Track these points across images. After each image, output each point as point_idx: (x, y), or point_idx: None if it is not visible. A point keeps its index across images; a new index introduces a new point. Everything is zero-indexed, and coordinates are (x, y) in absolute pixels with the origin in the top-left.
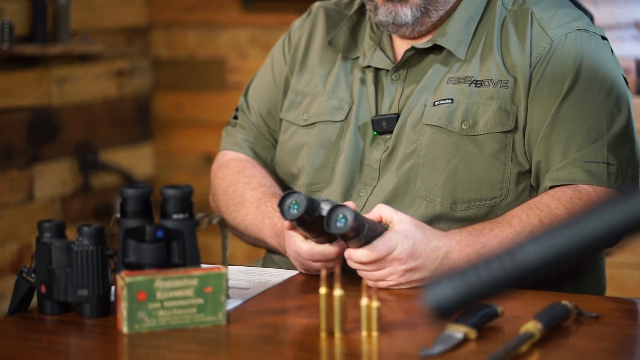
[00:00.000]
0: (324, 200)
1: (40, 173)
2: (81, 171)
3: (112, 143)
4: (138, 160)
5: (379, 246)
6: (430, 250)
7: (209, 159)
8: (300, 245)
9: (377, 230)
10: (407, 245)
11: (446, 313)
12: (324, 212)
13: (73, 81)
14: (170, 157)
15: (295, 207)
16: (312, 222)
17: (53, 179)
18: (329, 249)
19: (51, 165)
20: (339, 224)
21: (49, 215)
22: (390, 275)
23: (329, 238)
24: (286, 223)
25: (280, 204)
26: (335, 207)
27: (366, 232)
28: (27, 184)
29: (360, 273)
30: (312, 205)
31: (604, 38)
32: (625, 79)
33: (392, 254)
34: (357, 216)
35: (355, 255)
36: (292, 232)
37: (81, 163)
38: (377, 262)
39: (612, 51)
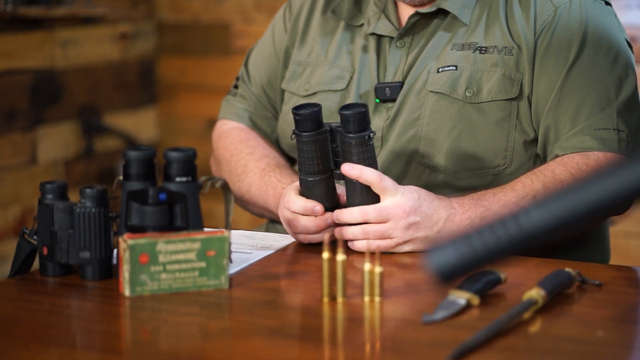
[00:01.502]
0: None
1: (43, 136)
2: (84, 134)
3: (116, 106)
4: (142, 124)
5: (370, 208)
6: (434, 209)
7: (212, 124)
8: (294, 200)
9: (376, 161)
10: (410, 197)
11: (450, 278)
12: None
13: (77, 44)
14: (174, 121)
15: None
16: (317, 136)
17: (56, 142)
18: (319, 206)
19: (54, 128)
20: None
21: (52, 179)
22: (394, 230)
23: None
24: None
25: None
26: (348, 105)
27: (372, 142)
28: (30, 147)
29: (365, 230)
30: (322, 120)
31: (607, 3)
32: (629, 44)
33: (395, 201)
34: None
35: (345, 216)
36: (285, 193)
37: (84, 126)
38: (379, 211)
39: (616, 16)
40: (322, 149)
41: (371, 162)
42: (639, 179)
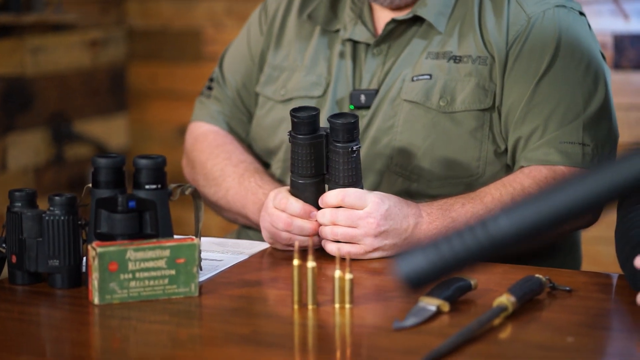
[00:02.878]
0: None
1: (13, 143)
2: (55, 142)
3: (87, 113)
4: (112, 131)
5: (350, 191)
6: (402, 217)
7: (183, 131)
8: (292, 202)
9: (361, 177)
10: (381, 205)
11: (418, 284)
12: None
13: (47, 51)
14: (144, 128)
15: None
16: (312, 139)
17: (26, 149)
18: (316, 211)
19: (25, 135)
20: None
21: (22, 186)
22: (365, 237)
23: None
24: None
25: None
26: (340, 113)
27: (358, 153)
28: (0, 154)
29: (334, 231)
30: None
31: (581, 14)
32: (602, 55)
33: (366, 210)
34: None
35: (327, 198)
36: (275, 194)
37: (55, 133)
38: (349, 216)
39: (589, 27)
40: (317, 153)
41: (356, 173)
42: (605, 185)
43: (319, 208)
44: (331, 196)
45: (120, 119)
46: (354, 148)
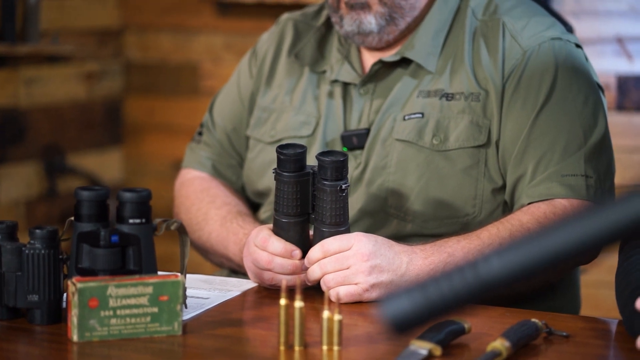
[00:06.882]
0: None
1: (5, 175)
2: (48, 175)
3: (81, 147)
4: (107, 164)
5: (329, 241)
6: (394, 253)
7: (179, 165)
8: (274, 241)
9: (347, 219)
10: (367, 242)
11: (404, 327)
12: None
13: (42, 82)
14: (140, 162)
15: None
16: (299, 177)
17: (18, 181)
18: (298, 250)
19: (17, 167)
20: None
21: (13, 219)
22: (357, 275)
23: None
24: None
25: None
26: (328, 151)
27: (347, 193)
28: None
29: (326, 280)
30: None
31: (578, 46)
32: (600, 86)
33: (352, 250)
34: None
35: (310, 255)
36: (257, 233)
37: (48, 166)
38: (336, 260)
39: (586, 59)
40: (302, 191)
41: (343, 212)
42: (603, 229)
43: (302, 248)
44: (314, 252)
45: (115, 152)
46: (343, 187)
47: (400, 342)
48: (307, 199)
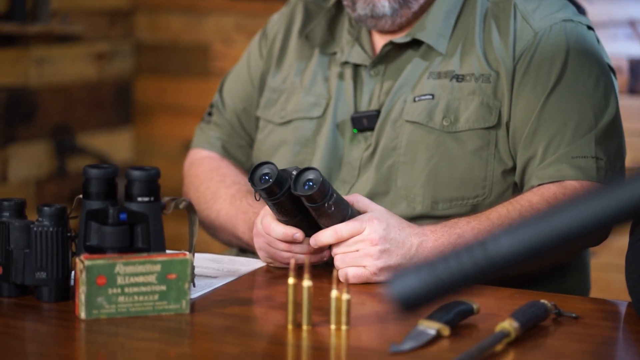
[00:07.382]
0: (296, 168)
1: (14, 154)
2: (57, 154)
3: (91, 126)
4: (117, 144)
5: (342, 227)
6: (405, 236)
7: (189, 146)
8: (274, 227)
9: (348, 208)
10: (378, 226)
11: (412, 306)
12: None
13: (52, 62)
14: (150, 142)
15: (266, 177)
16: (282, 196)
17: (28, 161)
18: (299, 232)
19: (26, 147)
20: (305, 187)
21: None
22: (366, 258)
23: (301, 223)
24: (256, 195)
25: (252, 174)
26: (303, 170)
27: (335, 200)
28: (1, 165)
29: (336, 261)
30: (284, 175)
31: (589, 28)
32: (612, 68)
33: (362, 234)
34: (325, 181)
35: (321, 237)
36: (261, 219)
37: (58, 146)
38: (346, 243)
39: (598, 41)
40: (290, 202)
41: (343, 209)
42: (613, 208)
43: (309, 231)
44: (326, 236)
45: (125, 132)
46: (330, 203)
47: (409, 321)
48: (297, 205)
